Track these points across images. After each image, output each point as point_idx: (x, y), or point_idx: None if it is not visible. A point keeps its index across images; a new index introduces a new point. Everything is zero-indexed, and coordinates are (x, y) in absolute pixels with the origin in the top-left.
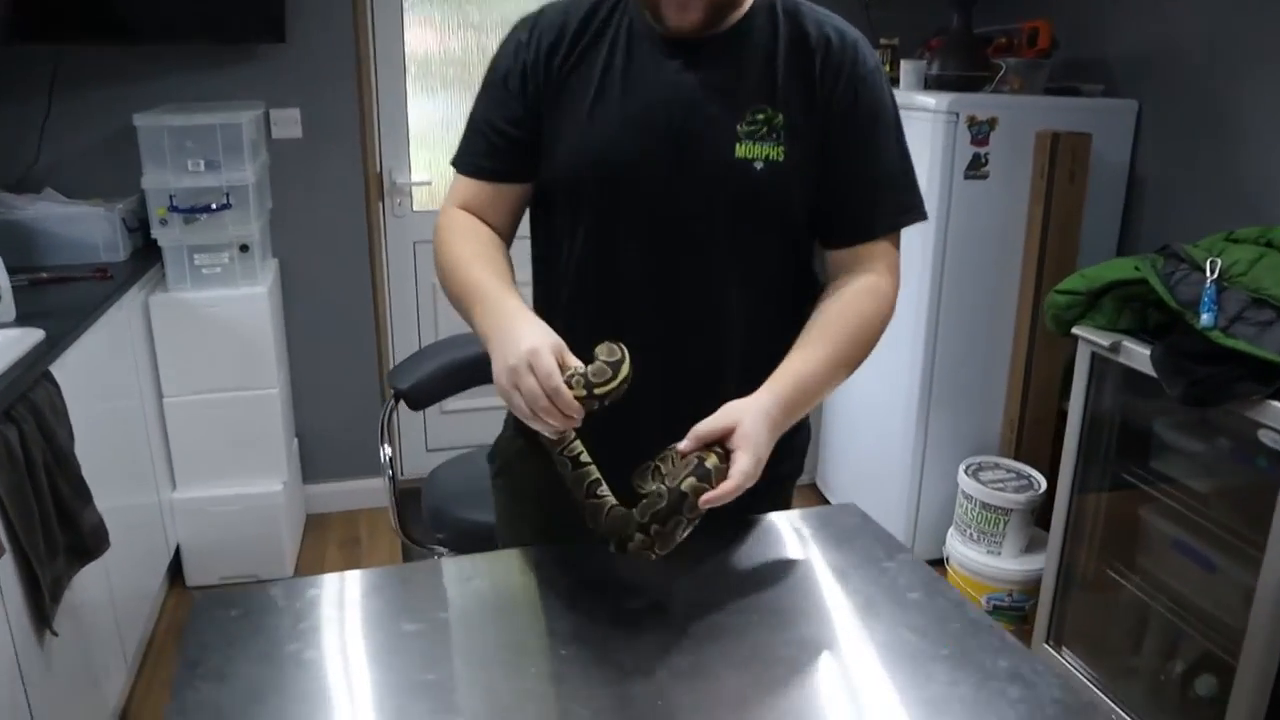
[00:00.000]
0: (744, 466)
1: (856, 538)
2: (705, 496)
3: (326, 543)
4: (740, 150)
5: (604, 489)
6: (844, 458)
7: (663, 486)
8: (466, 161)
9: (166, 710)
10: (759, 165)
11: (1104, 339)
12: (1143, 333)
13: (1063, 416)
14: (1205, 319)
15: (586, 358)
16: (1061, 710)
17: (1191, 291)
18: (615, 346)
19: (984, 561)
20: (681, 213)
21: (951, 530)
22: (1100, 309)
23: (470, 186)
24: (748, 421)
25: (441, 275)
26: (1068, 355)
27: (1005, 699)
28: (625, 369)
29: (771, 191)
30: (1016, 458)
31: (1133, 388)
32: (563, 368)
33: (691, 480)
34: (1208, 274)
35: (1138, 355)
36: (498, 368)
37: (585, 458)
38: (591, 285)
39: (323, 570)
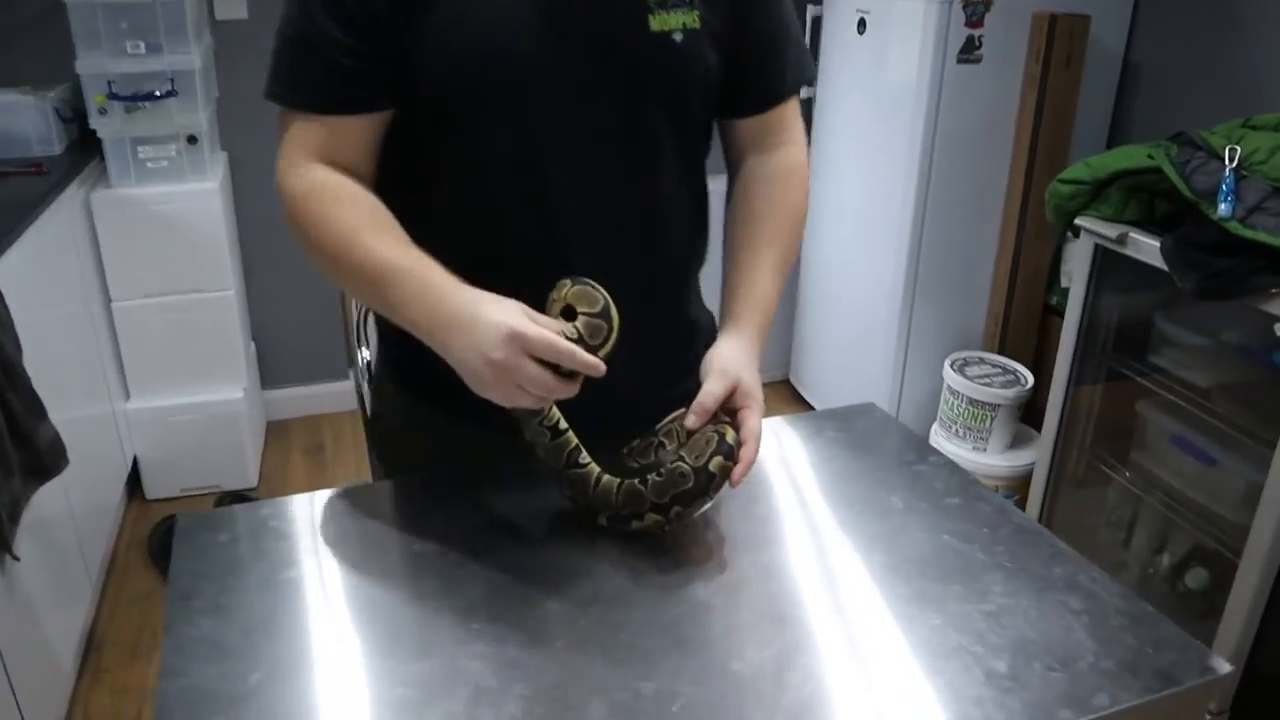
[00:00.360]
0: (756, 426)
1: (882, 439)
2: (735, 475)
3: (290, 450)
4: (655, 23)
5: (585, 457)
6: (821, 352)
7: (684, 465)
8: (305, 93)
9: (163, 649)
10: (678, 37)
11: (1110, 230)
12: (1149, 224)
13: (1048, 310)
14: (1223, 209)
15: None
16: (1128, 621)
17: (1208, 181)
18: (589, 290)
19: (970, 458)
20: (605, 110)
21: (935, 426)
22: (1105, 199)
23: (316, 127)
24: (746, 376)
25: (320, 255)
26: (1055, 248)
27: (1068, 610)
28: (615, 316)
29: (695, 64)
30: (1001, 352)
31: (1133, 280)
32: None
33: (719, 460)
34: (1227, 162)
35: (1145, 247)
36: (474, 368)
37: (564, 424)
38: (511, 223)
39: (287, 479)
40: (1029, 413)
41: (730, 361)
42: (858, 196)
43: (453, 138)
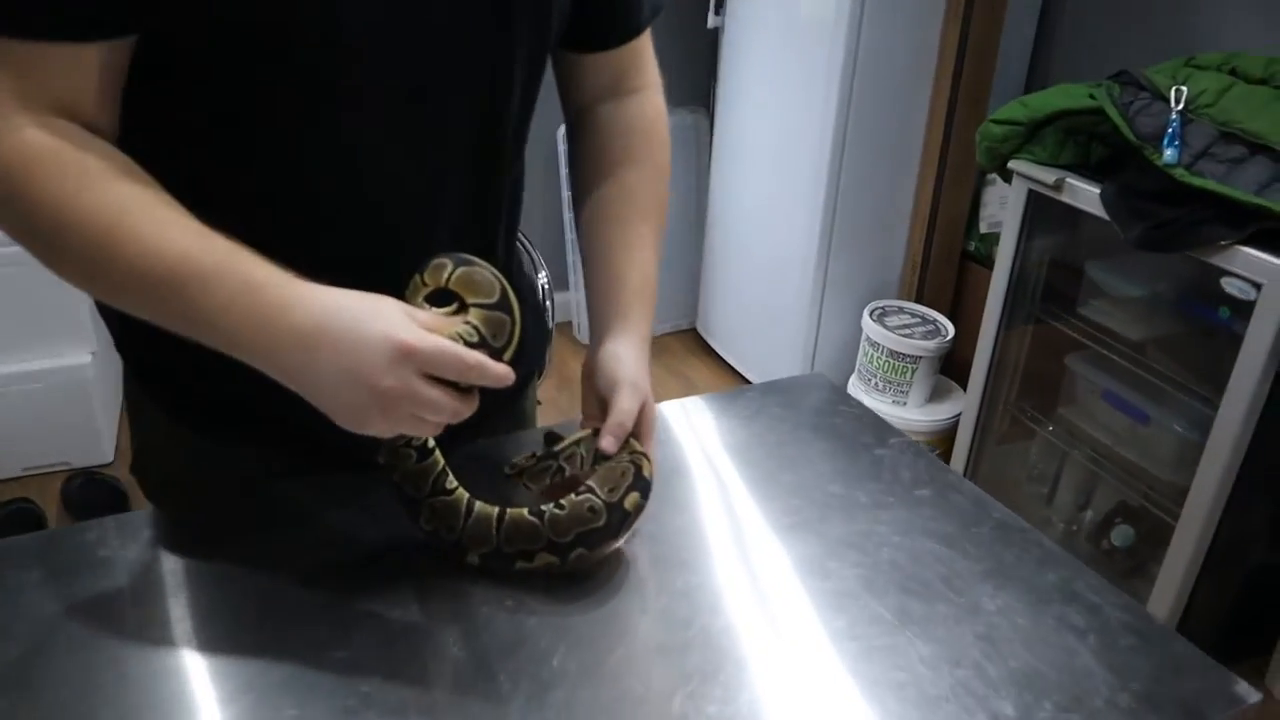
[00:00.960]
0: (651, 450)
1: (833, 418)
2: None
3: None
4: None
5: (453, 481)
6: (731, 301)
7: (595, 499)
8: (15, 10)
9: None
10: None
11: (1046, 175)
12: (1084, 168)
13: (965, 257)
14: (1168, 155)
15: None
16: (1138, 641)
17: (1152, 124)
18: (480, 273)
19: (890, 412)
20: (458, 47)
21: (854, 379)
22: (1040, 141)
23: (32, 62)
24: (649, 390)
25: (61, 255)
26: (974, 191)
27: (1069, 628)
28: (515, 305)
29: None
30: (919, 301)
31: (1064, 226)
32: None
33: (635, 496)
34: (1173, 104)
35: (1083, 194)
36: (350, 400)
37: (432, 443)
38: (322, 183)
39: None
40: (947, 364)
41: (638, 374)
42: (770, 135)
43: (240, 70)
